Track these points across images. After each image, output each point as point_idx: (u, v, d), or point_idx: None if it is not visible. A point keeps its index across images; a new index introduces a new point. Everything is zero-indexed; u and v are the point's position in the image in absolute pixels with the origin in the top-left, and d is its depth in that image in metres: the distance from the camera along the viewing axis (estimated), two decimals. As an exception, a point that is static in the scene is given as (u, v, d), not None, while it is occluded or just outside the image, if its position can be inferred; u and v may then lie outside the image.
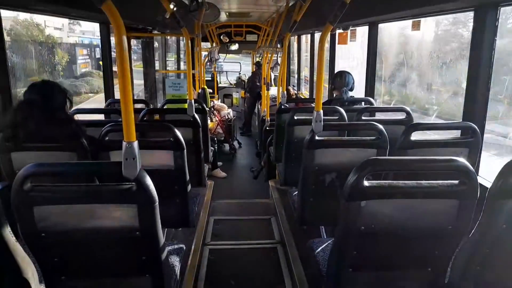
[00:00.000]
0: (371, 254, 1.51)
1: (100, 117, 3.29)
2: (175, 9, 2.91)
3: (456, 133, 2.44)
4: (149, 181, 1.34)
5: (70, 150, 2.00)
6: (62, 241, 1.41)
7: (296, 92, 7.18)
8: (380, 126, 2.09)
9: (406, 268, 1.58)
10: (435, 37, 3.91)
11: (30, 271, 1.33)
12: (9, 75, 2.23)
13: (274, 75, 7.31)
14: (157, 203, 1.36)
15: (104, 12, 1.25)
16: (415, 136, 2.10)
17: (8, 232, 1.24)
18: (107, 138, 2.04)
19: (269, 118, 4.83)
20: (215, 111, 6.22)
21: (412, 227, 1.46)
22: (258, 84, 7.58)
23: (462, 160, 1.37)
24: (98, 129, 2.14)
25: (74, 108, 2.25)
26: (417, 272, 1.59)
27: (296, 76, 8.06)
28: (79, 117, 2.43)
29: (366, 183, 1.35)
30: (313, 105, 3.86)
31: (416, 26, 2.82)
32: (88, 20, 3.53)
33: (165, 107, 3.52)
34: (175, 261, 1.85)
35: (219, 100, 8.36)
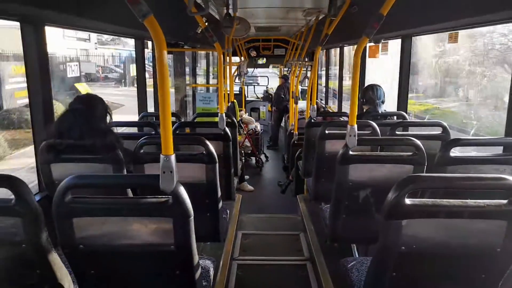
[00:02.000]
0: (412, 276, 1.44)
1: (133, 129, 3.38)
2: (207, 24, 2.97)
3: (498, 150, 2.32)
4: (185, 194, 1.34)
5: (106, 162, 2.04)
6: (99, 253, 1.42)
7: (323, 105, 7.13)
8: (418, 142, 2.02)
9: None
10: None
11: (67, 282, 1.35)
12: (51, 88, 2.33)
13: (302, 89, 7.30)
14: (192, 217, 1.36)
15: (141, 28, 1.28)
16: (454, 152, 2.01)
17: (48, 243, 1.27)
18: (141, 151, 2.08)
19: (297, 132, 4.80)
20: (242, 124, 6.26)
21: (457, 248, 1.38)
22: (283, 97, 7.58)
23: (510, 178, 1.29)
24: (132, 141, 2.19)
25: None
26: None
27: (324, 89, 8.01)
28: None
29: (407, 201, 1.29)
30: (342, 119, 3.82)
31: (453, 39, 2.74)
32: (125, 36, 3.66)
33: (195, 120, 3.57)
34: (207, 276, 1.83)
35: (247, 113, 8.41)
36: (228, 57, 5.13)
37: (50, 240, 1.30)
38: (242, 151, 6.10)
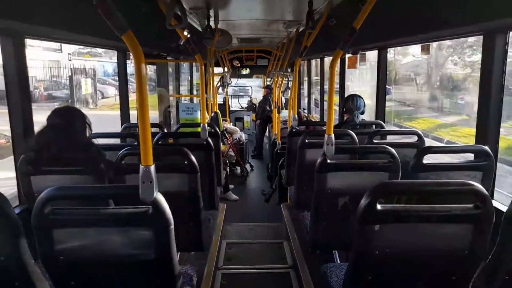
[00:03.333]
0: (387, 279, 1.49)
1: (115, 141, 3.37)
2: (189, 36, 3.02)
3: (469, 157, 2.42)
4: (165, 204, 1.36)
5: (87, 173, 2.05)
6: (79, 264, 1.43)
7: (306, 115, 7.23)
8: (392, 150, 2.10)
9: None
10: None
11: None
12: (31, 100, 2.32)
13: (285, 99, 7.40)
14: (172, 226, 1.38)
15: (122, 40, 1.31)
16: (427, 159, 2.09)
17: (28, 255, 1.27)
18: (123, 162, 2.09)
19: (280, 141, 4.86)
20: (227, 134, 6.29)
21: (428, 251, 1.44)
22: (268, 108, 7.66)
23: (476, 184, 1.36)
24: (114, 152, 2.20)
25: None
26: None
27: (306, 99, 8.13)
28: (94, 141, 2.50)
29: (379, 206, 1.35)
30: (324, 128, 3.90)
31: (425, 50, 2.86)
32: (106, 48, 3.67)
33: (178, 131, 3.59)
34: (190, 285, 1.84)
35: (231, 123, 8.45)
36: (210, 68, 5.18)
37: (30, 252, 1.30)
38: (227, 161, 6.13)
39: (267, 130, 7.70)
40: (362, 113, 3.54)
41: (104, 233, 1.41)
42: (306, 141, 2.83)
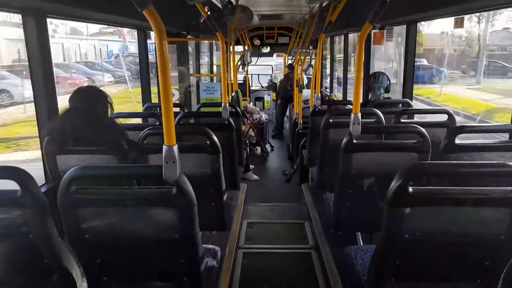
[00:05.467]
0: (415, 263, 1.44)
1: (137, 120, 3.39)
2: (209, 13, 2.94)
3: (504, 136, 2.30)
4: (188, 184, 1.35)
5: (111, 153, 2.06)
6: (104, 242, 1.44)
7: (328, 94, 7.08)
8: (422, 129, 2.01)
9: (454, 280, 1.50)
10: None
11: (75, 271, 1.37)
12: (54, 81, 2.33)
13: (307, 77, 7.24)
14: (196, 207, 1.37)
15: (143, 19, 1.27)
16: (459, 139, 1.99)
17: (55, 233, 1.29)
18: (145, 142, 2.08)
19: (301, 121, 4.78)
20: (247, 114, 6.25)
21: (460, 236, 1.38)
22: (289, 88, 7.52)
23: None
24: (136, 132, 2.20)
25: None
26: (465, 284, 1.50)
27: (328, 78, 7.94)
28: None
29: (411, 188, 1.29)
30: (347, 107, 3.80)
31: (459, 24, 2.69)
32: (127, 26, 3.64)
33: (199, 110, 3.57)
34: (212, 264, 1.85)
35: (251, 103, 8.39)
36: (231, 46, 5.09)
37: (56, 230, 1.32)
38: (247, 141, 6.10)
39: (288, 109, 7.59)
40: (388, 91, 3.41)
41: (128, 213, 1.41)
42: (330, 120, 2.76)
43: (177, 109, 3.58)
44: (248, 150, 5.77)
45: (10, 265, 1.35)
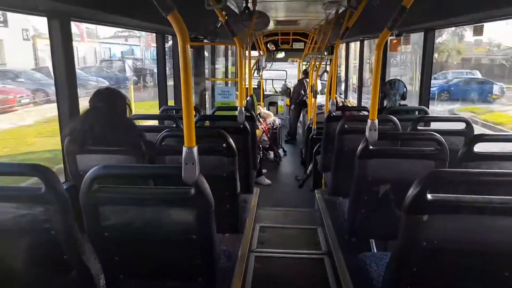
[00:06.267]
0: (433, 272, 1.42)
1: (154, 122, 3.44)
2: (227, 18, 2.99)
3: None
4: (206, 186, 1.37)
5: (129, 154, 2.10)
6: (124, 241, 1.47)
7: (343, 100, 7.05)
8: (440, 137, 1.99)
9: None
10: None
11: (94, 267, 1.40)
12: (76, 83, 2.40)
13: (321, 83, 7.23)
14: (213, 208, 1.39)
15: (163, 23, 1.30)
16: (477, 148, 1.97)
17: (76, 230, 1.33)
18: (163, 143, 2.12)
19: (315, 127, 4.78)
20: (261, 119, 6.27)
21: (479, 245, 1.36)
22: (303, 93, 7.53)
23: None
24: (153, 134, 2.24)
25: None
26: None
27: (343, 84, 7.92)
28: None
29: (429, 196, 1.28)
30: (362, 113, 3.78)
31: (478, 32, 2.66)
32: (147, 30, 3.71)
33: (214, 113, 3.60)
34: (226, 266, 1.87)
35: (265, 107, 8.42)
36: (247, 51, 5.14)
37: (77, 227, 1.36)
38: (260, 145, 6.12)
39: (301, 115, 7.59)
40: (404, 98, 3.40)
41: (147, 212, 1.44)
42: (346, 126, 2.76)
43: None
44: (261, 154, 5.79)
45: (31, 259, 1.38)
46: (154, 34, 3.75)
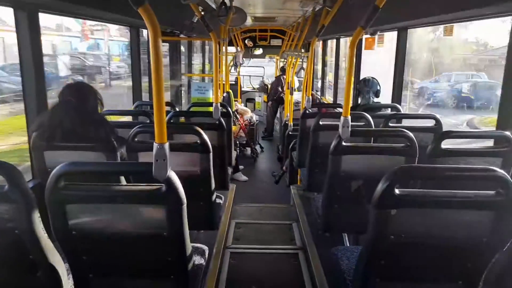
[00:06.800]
0: (400, 264, 1.47)
1: (127, 118, 3.37)
2: (203, 13, 2.95)
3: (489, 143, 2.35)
4: (178, 182, 1.35)
5: (100, 150, 2.05)
6: (92, 239, 1.44)
7: (319, 97, 7.13)
8: (410, 134, 2.05)
9: (437, 281, 1.53)
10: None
11: (61, 267, 1.36)
12: (44, 76, 2.31)
13: (298, 80, 7.29)
14: (185, 205, 1.38)
15: (136, 16, 1.27)
16: (445, 144, 2.04)
17: (41, 229, 1.28)
18: (136, 140, 2.08)
19: (292, 123, 4.82)
20: (238, 115, 6.26)
21: (444, 238, 1.41)
22: (280, 90, 7.57)
23: (499, 170, 1.32)
24: (127, 130, 2.19)
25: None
26: (447, 285, 1.53)
27: (319, 81, 8.01)
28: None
29: (397, 191, 1.32)
30: (337, 110, 3.84)
31: (448, 32, 2.75)
32: (120, 24, 3.62)
33: (190, 109, 3.57)
34: (199, 263, 1.85)
35: (242, 104, 8.41)
36: (224, 47, 5.10)
37: (43, 226, 1.31)
38: (237, 142, 6.11)
39: (279, 111, 7.63)
40: (377, 96, 3.47)
41: (116, 210, 1.41)
42: (320, 123, 2.79)
43: (168, 108, 3.57)
44: (238, 150, 5.78)
45: None
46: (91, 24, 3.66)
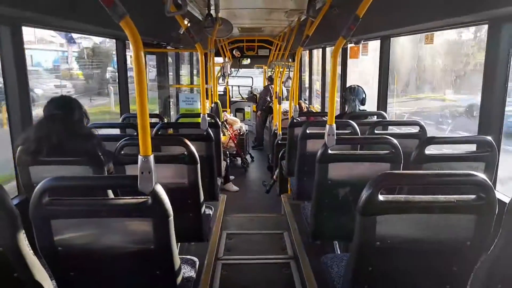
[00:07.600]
0: (388, 270, 1.48)
1: (115, 131, 3.35)
2: (189, 25, 2.98)
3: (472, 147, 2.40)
4: (164, 195, 1.35)
5: (87, 164, 2.03)
6: (78, 255, 1.42)
7: (307, 106, 7.20)
8: (394, 140, 2.08)
9: (424, 285, 1.54)
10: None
11: (47, 285, 1.34)
12: (29, 91, 2.30)
13: (286, 89, 7.36)
14: (171, 217, 1.37)
15: (121, 29, 1.28)
16: (429, 150, 2.07)
17: (26, 246, 1.26)
18: (122, 152, 2.07)
19: (281, 132, 4.85)
20: (227, 125, 6.27)
21: (429, 243, 1.43)
22: (269, 99, 7.62)
23: (479, 174, 1.35)
24: (114, 143, 2.18)
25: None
26: None
27: (307, 90, 8.09)
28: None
29: (381, 197, 1.33)
30: (325, 118, 3.88)
31: (429, 40, 2.82)
32: (105, 36, 3.63)
33: (178, 121, 3.57)
34: (189, 276, 1.84)
35: (231, 114, 8.43)
36: (211, 58, 5.14)
37: (28, 243, 1.29)
38: (227, 152, 6.11)
39: (268, 121, 7.66)
40: (363, 103, 3.52)
41: (103, 224, 1.39)
42: (307, 131, 2.81)
43: (156, 120, 3.57)
44: (228, 161, 5.77)
45: None
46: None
